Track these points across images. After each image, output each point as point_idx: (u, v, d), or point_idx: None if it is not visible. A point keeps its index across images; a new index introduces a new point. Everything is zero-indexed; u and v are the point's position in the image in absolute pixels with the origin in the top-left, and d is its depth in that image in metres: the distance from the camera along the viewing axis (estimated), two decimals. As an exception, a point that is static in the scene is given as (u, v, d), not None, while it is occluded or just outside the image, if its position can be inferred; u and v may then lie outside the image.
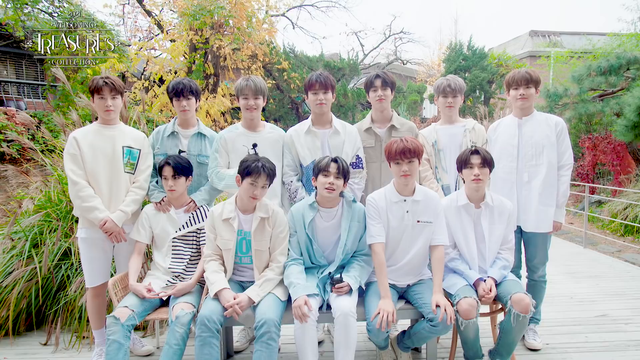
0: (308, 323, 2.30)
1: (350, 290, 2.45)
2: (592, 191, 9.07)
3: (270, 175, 2.49)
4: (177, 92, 2.85)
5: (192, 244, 2.73)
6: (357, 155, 2.93)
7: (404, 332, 2.68)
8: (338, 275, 2.49)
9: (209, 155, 2.92)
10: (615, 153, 9.25)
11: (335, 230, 2.59)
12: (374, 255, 2.53)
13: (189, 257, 2.71)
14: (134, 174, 2.78)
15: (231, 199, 2.60)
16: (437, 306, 2.36)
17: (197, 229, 2.74)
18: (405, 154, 2.47)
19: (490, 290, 2.50)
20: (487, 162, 2.60)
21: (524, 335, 3.04)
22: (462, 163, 2.65)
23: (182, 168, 2.66)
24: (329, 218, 2.58)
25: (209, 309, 2.31)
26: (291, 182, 2.92)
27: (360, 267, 2.58)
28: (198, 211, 2.77)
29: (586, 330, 3.28)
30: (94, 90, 2.69)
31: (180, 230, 2.71)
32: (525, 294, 2.43)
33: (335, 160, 2.51)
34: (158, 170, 2.73)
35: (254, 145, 2.88)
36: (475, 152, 2.61)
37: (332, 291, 2.47)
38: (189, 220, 2.74)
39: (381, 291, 2.44)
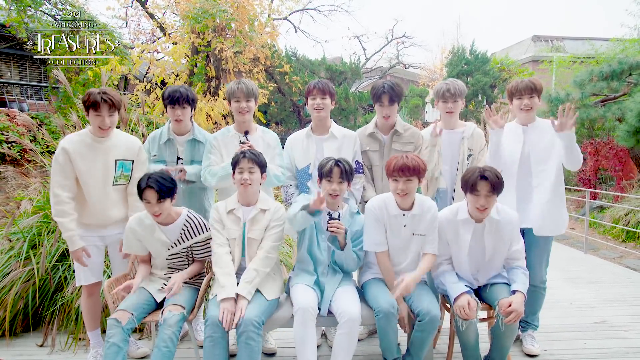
0: (309, 322, 2.32)
1: (345, 232, 2.47)
2: (594, 196, 9.04)
3: (255, 159, 2.49)
4: (173, 100, 2.78)
5: (185, 258, 2.66)
6: (357, 161, 2.94)
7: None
8: (336, 214, 2.48)
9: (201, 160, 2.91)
10: (618, 158, 9.23)
11: None
12: (380, 263, 2.57)
13: (185, 268, 2.67)
14: (128, 183, 2.74)
15: (233, 196, 2.65)
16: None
17: (189, 245, 2.61)
18: (404, 172, 2.40)
19: (510, 305, 2.30)
20: (496, 188, 2.36)
21: (522, 341, 3.02)
22: (469, 187, 2.40)
23: (167, 190, 2.41)
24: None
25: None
26: (290, 185, 3.03)
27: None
28: (192, 223, 2.60)
29: (585, 337, 3.26)
30: (90, 106, 2.51)
31: (174, 246, 2.58)
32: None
33: (337, 164, 2.49)
34: (138, 191, 2.42)
35: (246, 133, 2.88)
36: (484, 177, 2.34)
37: (327, 229, 2.47)
38: (182, 235, 2.58)
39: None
